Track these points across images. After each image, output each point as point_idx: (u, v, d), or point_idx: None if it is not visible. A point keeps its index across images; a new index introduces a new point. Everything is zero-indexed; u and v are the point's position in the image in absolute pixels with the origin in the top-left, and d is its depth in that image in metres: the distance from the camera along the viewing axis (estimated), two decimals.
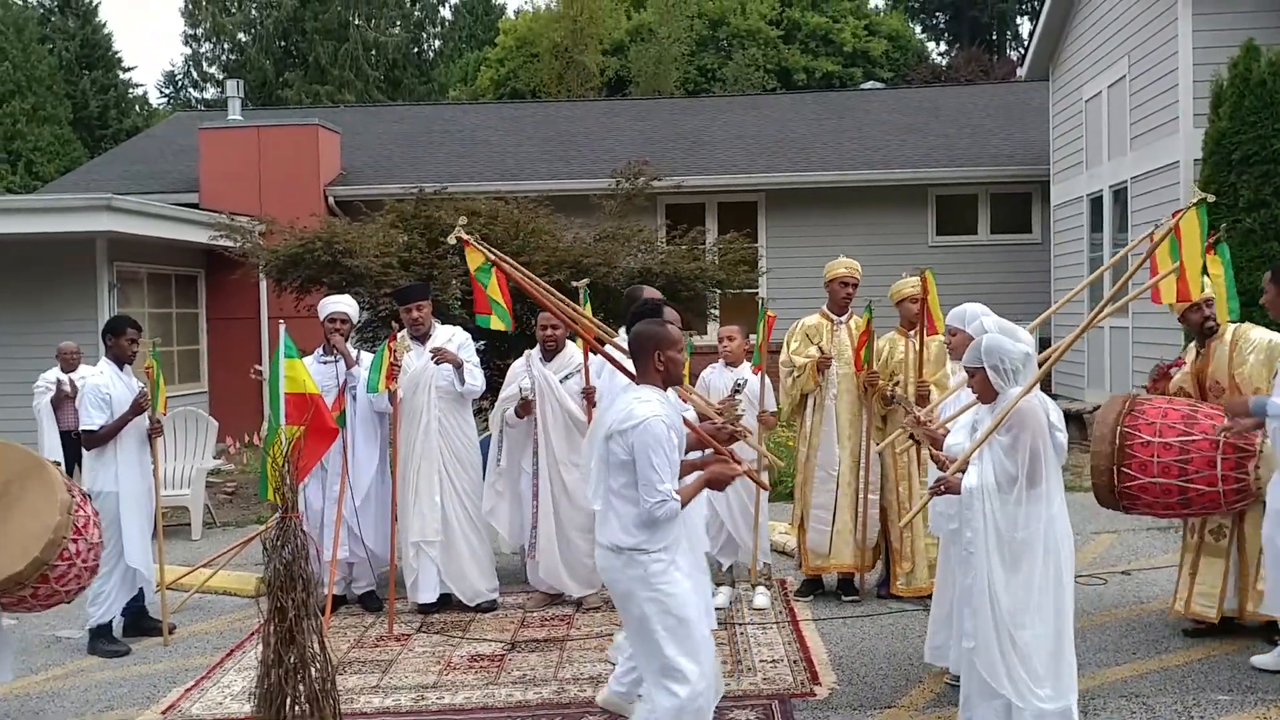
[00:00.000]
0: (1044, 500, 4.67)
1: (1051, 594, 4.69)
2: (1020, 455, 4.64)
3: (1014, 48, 45.82)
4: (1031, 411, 4.67)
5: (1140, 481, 5.96)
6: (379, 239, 11.65)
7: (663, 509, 4.42)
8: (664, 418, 4.50)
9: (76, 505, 5.47)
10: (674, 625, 4.49)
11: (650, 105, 24.86)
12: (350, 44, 41.73)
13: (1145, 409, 6.09)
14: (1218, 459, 5.84)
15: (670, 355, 4.68)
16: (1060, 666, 4.73)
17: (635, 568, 4.52)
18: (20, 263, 14.64)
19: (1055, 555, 4.71)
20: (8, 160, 37.04)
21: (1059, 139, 16.87)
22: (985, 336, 4.81)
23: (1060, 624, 4.73)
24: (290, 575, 3.58)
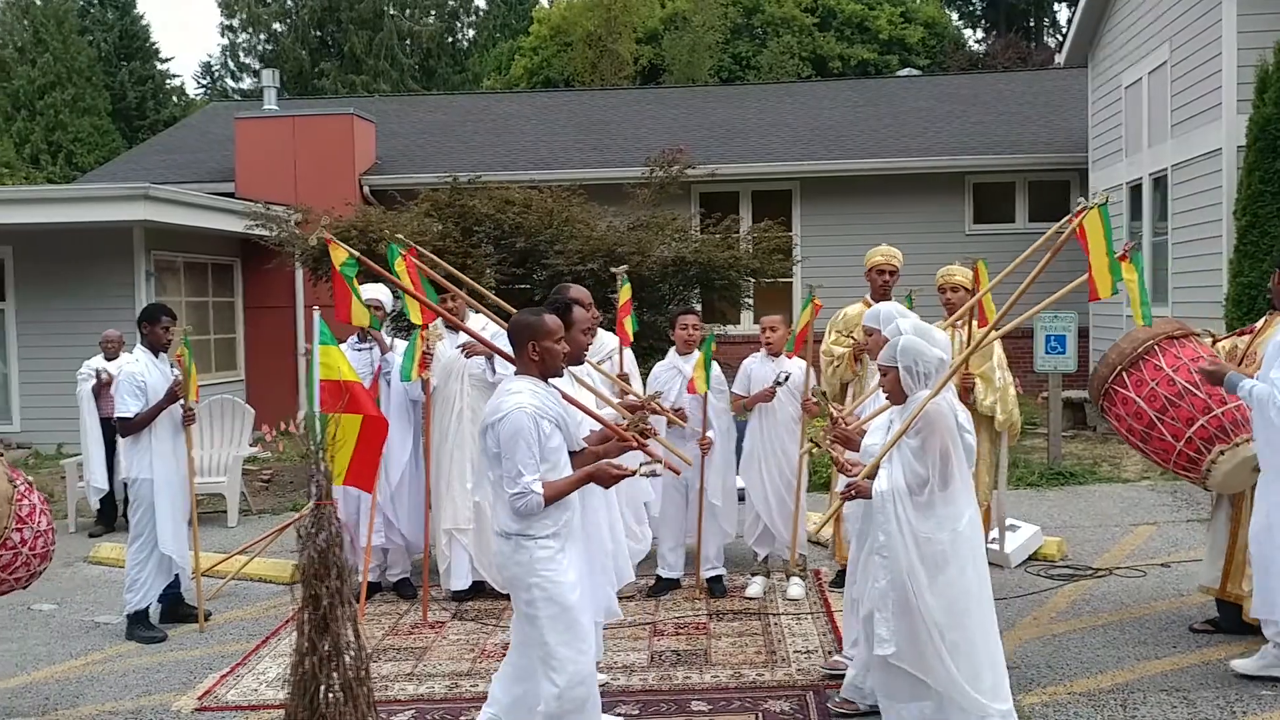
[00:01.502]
0: (958, 501, 4.66)
1: (975, 594, 4.67)
2: (930, 458, 4.62)
3: (1051, 34, 45.34)
4: (940, 414, 4.63)
5: (1127, 393, 6.12)
6: (414, 228, 11.66)
7: (521, 501, 4.45)
8: (529, 409, 4.51)
9: (20, 494, 5.51)
10: (556, 613, 4.52)
11: (684, 93, 24.78)
12: (385, 33, 41.86)
13: (1187, 346, 6.12)
14: (1197, 423, 5.90)
15: (545, 346, 4.67)
16: (991, 666, 4.70)
17: (521, 553, 4.55)
18: (59, 252, 14.78)
19: (973, 555, 4.70)
20: (48, 151, 37.42)
21: (1098, 126, 16.67)
22: (902, 337, 4.78)
23: (985, 624, 4.71)
24: (325, 563, 3.57)
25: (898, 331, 4.82)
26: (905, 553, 4.61)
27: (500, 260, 11.74)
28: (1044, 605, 7.08)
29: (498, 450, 4.51)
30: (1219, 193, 12.00)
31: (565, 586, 4.53)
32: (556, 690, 4.50)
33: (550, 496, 4.50)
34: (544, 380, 4.72)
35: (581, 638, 4.58)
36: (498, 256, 11.81)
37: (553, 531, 4.55)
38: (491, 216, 11.95)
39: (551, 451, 4.58)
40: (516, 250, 11.83)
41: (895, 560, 4.64)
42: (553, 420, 4.61)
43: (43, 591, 8.29)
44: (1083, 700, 5.49)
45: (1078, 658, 6.10)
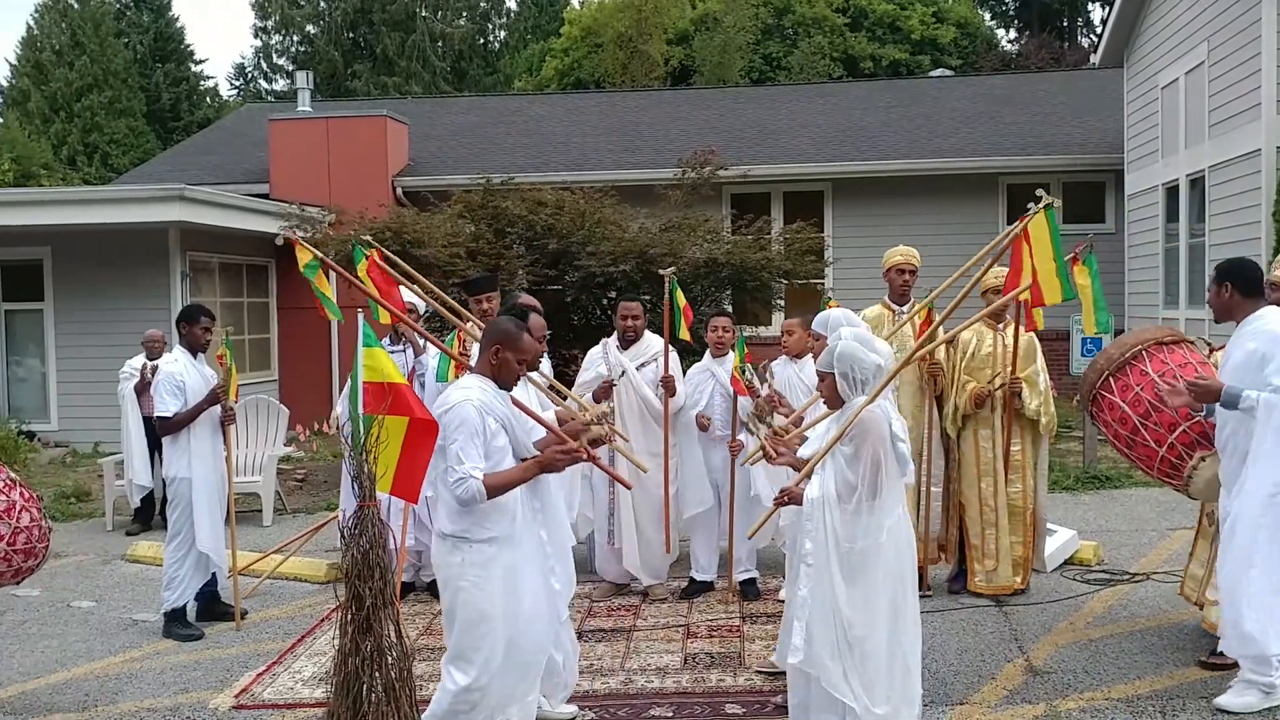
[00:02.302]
0: (883, 511, 4.62)
1: (888, 605, 4.63)
2: (861, 466, 4.59)
3: (1084, 34, 45.00)
4: (874, 422, 4.61)
5: (1114, 399, 6.07)
6: (447, 229, 11.72)
7: (461, 487, 4.48)
8: (476, 402, 4.56)
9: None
10: (473, 618, 4.58)
11: (715, 94, 24.76)
12: (417, 35, 42.08)
13: (1176, 352, 6.04)
14: (1179, 429, 5.83)
15: (505, 356, 4.72)
16: (902, 678, 4.66)
17: (455, 555, 4.61)
18: (96, 252, 14.93)
19: (896, 566, 4.66)
20: (84, 152, 37.81)
21: (1133, 127, 16.54)
22: (840, 343, 4.77)
23: (899, 635, 4.67)
24: (367, 563, 3.59)
25: (839, 338, 4.81)
26: (828, 561, 4.60)
27: (532, 262, 11.77)
28: (1080, 610, 7.03)
29: (440, 441, 4.58)
30: (1258, 194, 11.89)
31: (490, 595, 4.59)
32: (453, 688, 4.59)
33: (495, 485, 4.53)
34: (498, 385, 4.78)
35: (491, 650, 4.61)
36: (530, 258, 11.84)
37: (490, 537, 4.60)
38: (524, 218, 11.98)
39: (496, 450, 4.62)
40: (549, 252, 11.86)
41: (818, 568, 4.63)
42: (499, 420, 4.67)
43: (82, 589, 8.39)
44: (1120, 706, 5.44)
45: (1115, 663, 6.05)
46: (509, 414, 4.77)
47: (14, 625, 7.50)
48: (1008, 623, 6.82)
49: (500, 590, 4.61)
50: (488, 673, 4.60)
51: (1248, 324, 5.45)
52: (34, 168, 32.12)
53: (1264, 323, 5.37)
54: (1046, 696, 5.63)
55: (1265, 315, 5.41)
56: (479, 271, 10.52)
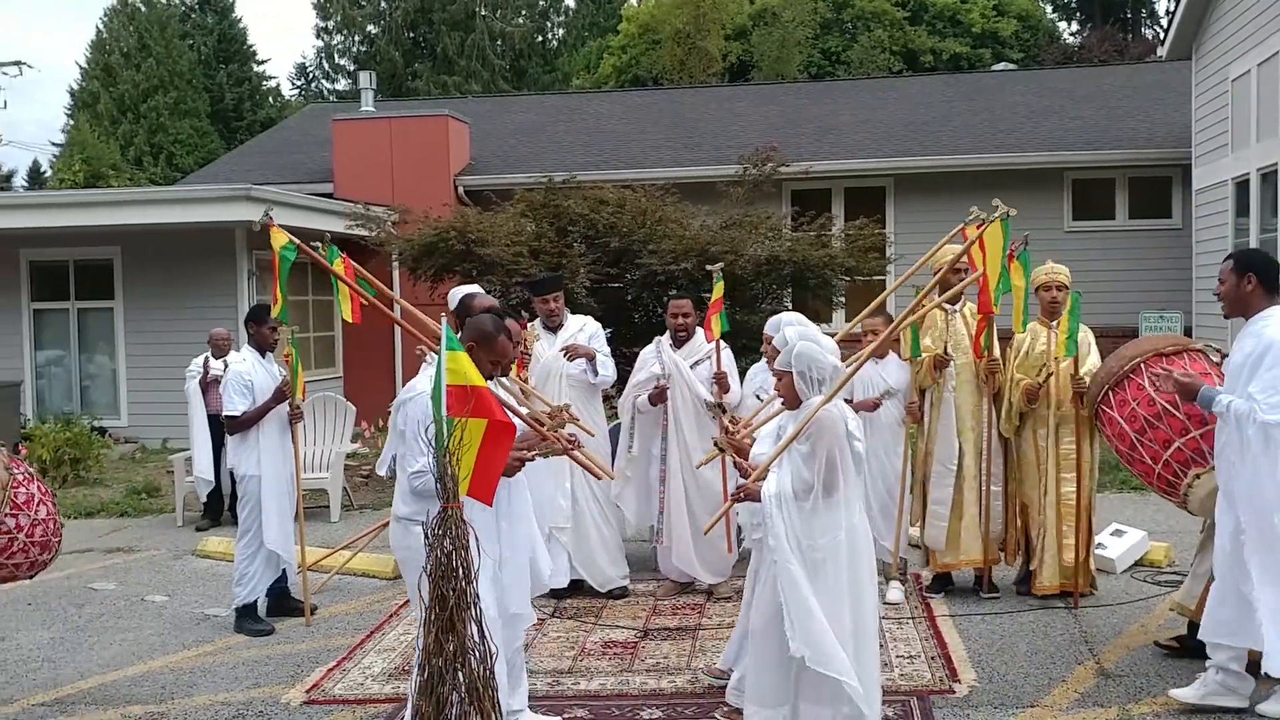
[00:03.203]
0: (841, 508, 4.60)
1: (848, 603, 4.59)
2: (817, 464, 4.56)
3: (1149, 26, 44.25)
4: (830, 421, 4.58)
5: (1112, 413, 5.98)
6: (509, 228, 11.79)
7: (420, 480, 4.53)
8: None
9: (17, 482, 5.65)
10: None
11: (775, 90, 24.66)
12: (477, 34, 42.35)
13: (1178, 362, 5.89)
14: (1173, 446, 5.70)
15: (479, 355, 4.71)
16: (862, 674, 4.60)
17: (410, 537, 4.67)
18: (165, 251, 15.20)
19: (854, 563, 4.62)
20: (150, 153, 38.48)
21: (1202, 120, 16.23)
22: (799, 343, 4.74)
23: (858, 634, 4.62)
24: (451, 564, 3.64)
25: (792, 338, 4.78)
26: (790, 556, 4.58)
27: (594, 260, 11.80)
28: (1151, 612, 6.93)
29: (404, 428, 4.62)
30: None
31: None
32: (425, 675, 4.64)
33: None
34: None
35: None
36: (591, 256, 11.88)
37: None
38: (585, 217, 12.02)
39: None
40: (610, 250, 11.89)
41: (781, 565, 4.60)
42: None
43: (155, 583, 8.56)
44: (1193, 711, 5.36)
45: (1188, 667, 5.94)
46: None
47: (91, 618, 7.66)
48: (1078, 625, 6.74)
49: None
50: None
51: (1254, 323, 5.16)
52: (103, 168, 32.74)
53: (1267, 324, 5.08)
54: (1119, 700, 5.56)
55: (1270, 316, 5.11)
56: (542, 270, 10.59)
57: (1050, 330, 7.21)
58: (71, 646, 7.05)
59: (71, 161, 34.21)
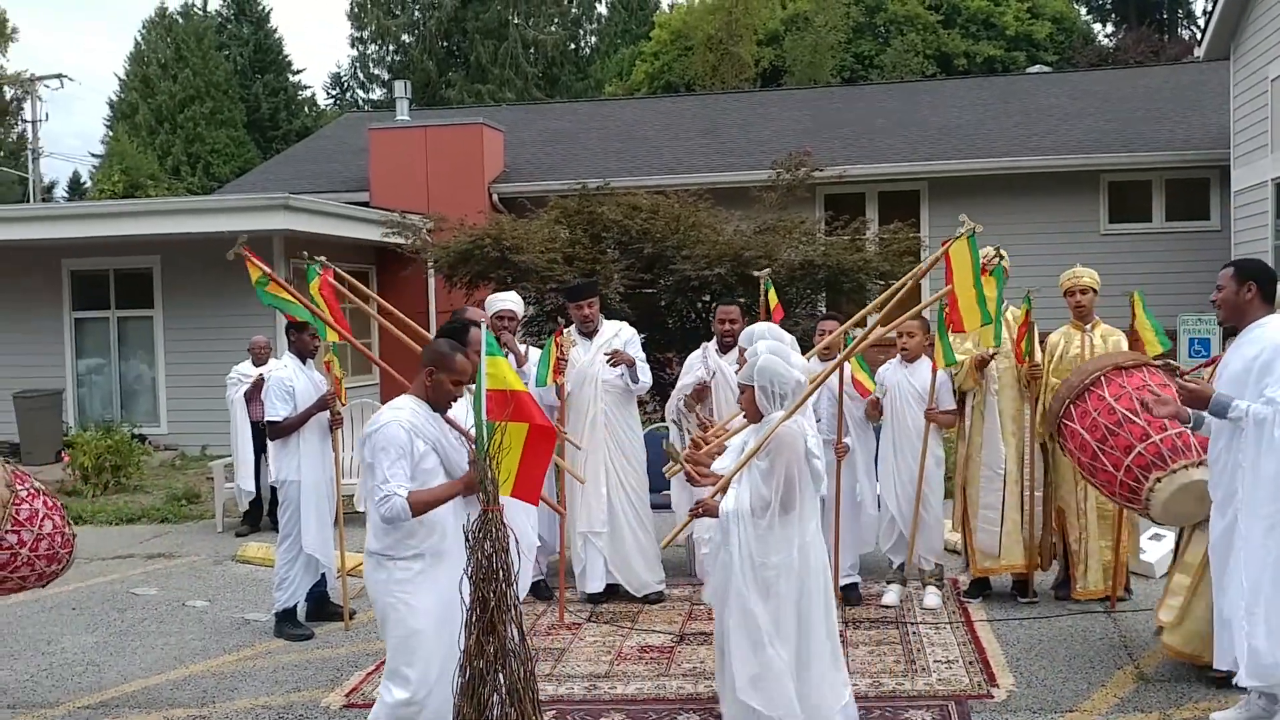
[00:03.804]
0: (796, 526, 4.57)
1: (796, 621, 4.57)
2: (775, 480, 4.53)
3: (1185, 26, 43.87)
4: (790, 437, 4.55)
5: (1074, 427, 5.93)
6: (544, 235, 11.84)
7: (386, 505, 4.55)
8: (406, 424, 4.63)
9: (19, 499, 5.75)
10: (405, 636, 4.67)
11: (807, 95, 24.64)
12: (510, 43, 42.54)
13: (1134, 375, 5.89)
14: (1134, 451, 5.64)
15: (439, 378, 4.75)
16: (807, 693, 4.58)
17: (380, 572, 4.72)
18: (203, 260, 15.34)
19: (805, 582, 4.59)
20: (188, 162, 38.90)
21: (1240, 121, 16.08)
22: (761, 357, 4.71)
23: (806, 651, 4.60)
24: (491, 566, 3.67)
25: (763, 350, 4.76)
26: (741, 574, 4.57)
27: (628, 266, 11.84)
28: None
29: (370, 460, 4.66)
30: None
31: (417, 611, 4.66)
32: (391, 700, 4.70)
33: (420, 503, 4.58)
34: (432, 406, 4.83)
35: (425, 664, 4.68)
36: (625, 262, 11.92)
37: (415, 553, 4.68)
38: (619, 223, 12.06)
39: (423, 472, 4.68)
40: (644, 256, 11.92)
41: (734, 580, 4.60)
42: (429, 442, 4.72)
43: (195, 589, 8.65)
44: None
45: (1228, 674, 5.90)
46: (440, 435, 4.81)
47: (134, 623, 7.76)
48: (1116, 629, 6.69)
49: (430, 605, 4.68)
50: (425, 686, 4.68)
51: (1250, 330, 5.11)
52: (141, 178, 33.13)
53: (1266, 330, 5.02)
54: (1159, 705, 5.52)
55: (1269, 323, 5.07)
56: (576, 276, 10.63)
57: (1084, 334, 7.18)
58: (115, 651, 7.14)
59: (111, 172, 34.66)
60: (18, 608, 8.23)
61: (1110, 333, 7.11)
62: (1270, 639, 4.80)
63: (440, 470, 4.77)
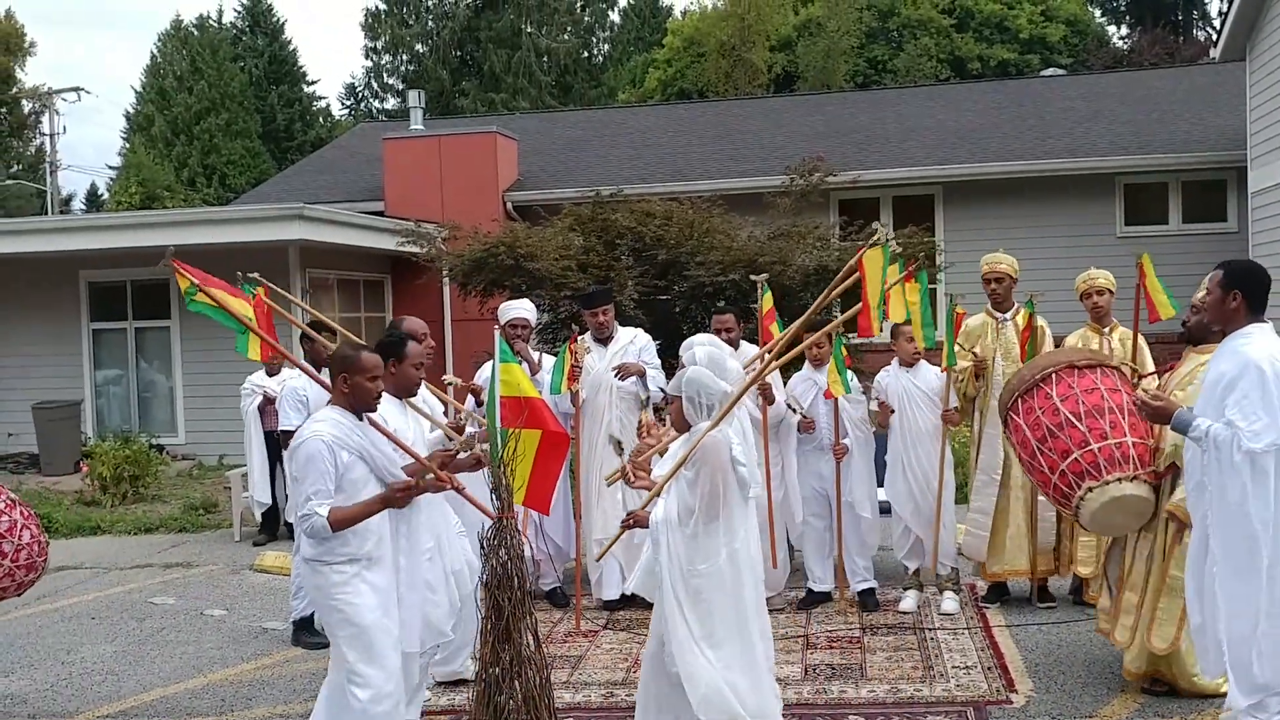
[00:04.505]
0: (722, 534, 4.56)
1: (735, 627, 4.56)
2: (700, 489, 4.53)
3: (1200, 28, 43.71)
4: (715, 447, 4.54)
5: (1019, 421, 5.84)
6: (558, 242, 11.86)
7: (306, 524, 4.62)
8: (327, 437, 4.67)
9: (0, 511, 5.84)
10: (354, 633, 4.72)
11: (821, 100, 24.62)
12: (523, 51, 42.63)
13: (1086, 376, 5.75)
14: (1072, 456, 5.53)
15: (356, 381, 4.80)
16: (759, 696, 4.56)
17: (318, 578, 4.78)
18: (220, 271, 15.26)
19: (736, 589, 4.58)
20: (203, 174, 39.09)
21: (1257, 122, 16.00)
22: (690, 369, 4.71)
23: (753, 654, 4.58)
24: (506, 574, 3.67)
25: (701, 359, 4.76)
26: (671, 582, 4.57)
27: (642, 273, 11.84)
28: None
29: (296, 475, 4.73)
30: None
31: (361, 609, 4.72)
32: (360, 705, 4.70)
33: (341, 520, 4.62)
34: (355, 413, 4.86)
35: (382, 655, 4.74)
36: (639, 269, 11.92)
37: (349, 557, 4.74)
38: (633, 230, 12.07)
39: (350, 482, 4.73)
40: (658, 263, 11.92)
41: (665, 589, 4.59)
42: (354, 452, 4.75)
43: (213, 598, 8.68)
44: None
45: None
46: (366, 443, 4.83)
47: (153, 632, 7.78)
48: None
49: (372, 603, 4.76)
50: (390, 678, 4.75)
51: (1233, 339, 4.87)
52: (158, 190, 33.29)
53: (1245, 342, 4.77)
54: (1180, 711, 5.49)
55: (1251, 334, 4.82)
56: (591, 283, 10.64)
57: (1102, 337, 7.16)
58: (134, 660, 7.17)
59: (128, 184, 34.86)
60: (37, 617, 8.27)
61: (1128, 336, 7.08)
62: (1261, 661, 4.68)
63: (371, 479, 4.82)
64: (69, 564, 10.08)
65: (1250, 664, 4.68)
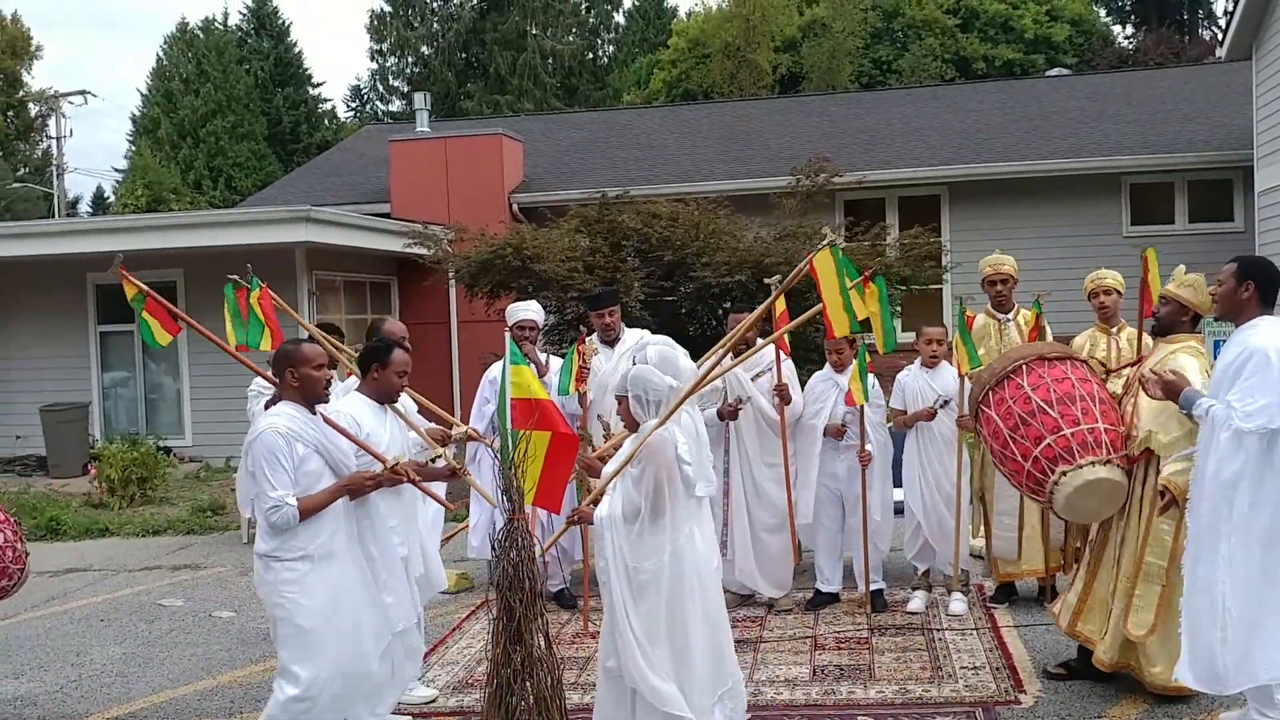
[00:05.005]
0: (667, 531, 4.58)
1: (666, 627, 4.57)
2: (644, 487, 4.56)
3: (1206, 27, 43.66)
4: (661, 445, 4.58)
5: (990, 413, 5.86)
6: (564, 244, 11.86)
7: (277, 514, 4.70)
8: (283, 430, 4.76)
9: None
10: (293, 633, 4.84)
11: (825, 101, 24.62)
12: (528, 53, 42.66)
13: (1056, 367, 5.80)
14: (1044, 442, 5.54)
15: (304, 373, 4.91)
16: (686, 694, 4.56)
17: (269, 573, 4.87)
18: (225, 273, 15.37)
19: (677, 587, 4.59)
20: (209, 176, 39.16)
21: (1264, 121, 15.98)
22: (635, 367, 4.76)
23: (689, 656, 4.59)
24: (518, 575, 3.69)
25: (653, 357, 4.79)
26: (616, 580, 4.59)
27: (648, 274, 11.84)
28: None
29: (254, 469, 4.80)
30: None
31: (306, 610, 4.82)
32: (281, 698, 4.85)
33: (305, 509, 4.73)
34: (308, 407, 4.96)
35: (317, 658, 4.82)
36: (645, 270, 11.91)
37: (302, 554, 4.82)
38: (639, 231, 12.07)
39: (306, 475, 4.82)
40: (664, 264, 11.92)
41: (610, 585, 4.61)
42: (309, 445, 4.84)
43: (221, 599, 8.70)
44: None
45: None
46: (321, 437, 4.91)
47: (162, 634, 7.80)
48: None
49: (319, 604, 4.84)
50: (316, 684, 4.83)
51: (1242, 330, 5.07)
52: (164, 192, 33.36)
53: (1254, 332, 4.98)
54: (1189, 712, 5.49)
55: (1259, 325, 5.02)
56: (597, 285, 10.65)
57: (1110, 336, 7.16)
58: (143, 662, 7.19)
59: (134, 186, 34.95)
60: (47, 620, 8.30)
61: (1135, 337, 7.08)
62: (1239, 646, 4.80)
63: (326, 472, 4.92)
64: (78, 566, 10.12)
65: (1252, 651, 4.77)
